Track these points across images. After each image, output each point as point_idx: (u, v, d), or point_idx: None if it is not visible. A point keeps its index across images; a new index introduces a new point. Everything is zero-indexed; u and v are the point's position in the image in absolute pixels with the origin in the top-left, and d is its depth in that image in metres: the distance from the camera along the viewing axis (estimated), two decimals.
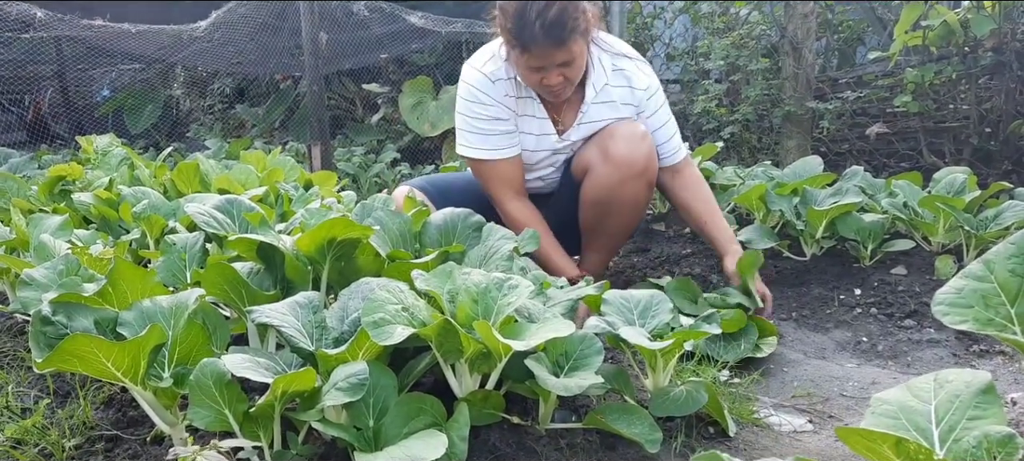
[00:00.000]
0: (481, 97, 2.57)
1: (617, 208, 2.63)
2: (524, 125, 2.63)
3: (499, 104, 2.56)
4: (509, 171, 2.64)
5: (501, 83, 2.56)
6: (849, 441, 0.94)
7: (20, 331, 2.22)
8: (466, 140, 2.64)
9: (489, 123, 2.58)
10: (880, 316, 2.66)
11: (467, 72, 2.61)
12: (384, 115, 7.34)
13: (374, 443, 1.36)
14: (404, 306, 1.49)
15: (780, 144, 5.17)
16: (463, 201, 2.38)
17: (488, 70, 2.56)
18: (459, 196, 2.70)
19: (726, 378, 2.00)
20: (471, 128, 2.61)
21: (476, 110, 2.58)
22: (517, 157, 2.65)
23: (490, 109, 2.57)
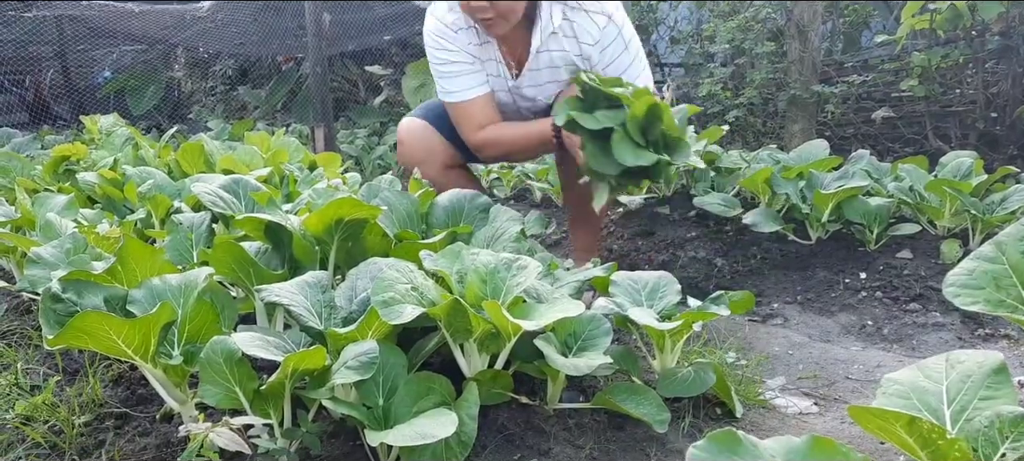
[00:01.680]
0: (442, 44, 2.64)
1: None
2: (488, 69, 2.69)
3: (460, 50, 2.63)
4: (476, 110, 2.68)
5: (462, 32, 2.61)
6: (861, 420, 0.94)
7: (27, 310, 2.22)
8: (438, 86, 2.73)
9: (449, 66, 2.65)
10: (885, 300, 2.66)
11: (427, 21, 2.70)
12: (387, 97, 7.33)
13: (384, 421, 1.36)
14: (413, 286, 1.49)
15: (785, 128, 5.15)
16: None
17: (448, 20, 2.63)
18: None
19: (733, 360, 2.00)
20: (438, 74, 2.70)
21: (438, 56, 2.66)
22: (485, 96, 2.69)
23: (451, 54, 2.64)
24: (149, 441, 1.50)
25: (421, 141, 2.81)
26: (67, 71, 8.58)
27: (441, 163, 2.80)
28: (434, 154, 2.80)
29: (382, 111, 7.25)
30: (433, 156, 2.80)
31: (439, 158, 2.80)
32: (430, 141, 2.80)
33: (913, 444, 0.89)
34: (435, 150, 2.80)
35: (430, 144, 2.80)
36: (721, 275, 3.06)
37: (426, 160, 2.77)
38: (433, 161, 2.79)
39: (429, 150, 2.80)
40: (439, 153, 2.80)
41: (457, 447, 1.36)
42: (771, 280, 2.94)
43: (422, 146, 2.80)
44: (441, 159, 2.81)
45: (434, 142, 2.80)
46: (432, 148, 2.80)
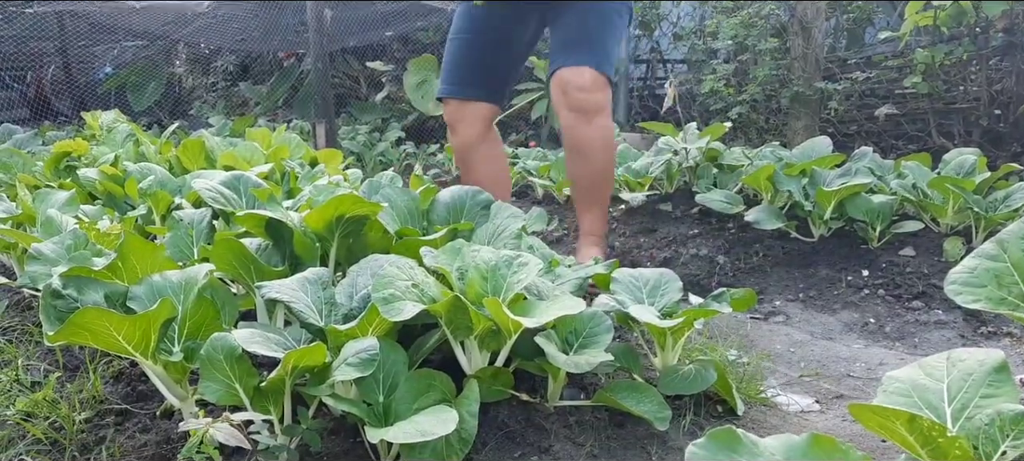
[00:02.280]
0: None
1: (587, 152, 2.81)
2: None
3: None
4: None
5: None
6: (862, 418, 0.94)
7: (28, 306, 2.22)
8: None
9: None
10: (888, 297, 2.65)
11: None
12: (388, 93, 7.32)
13: (384, 418, 1.36)
14: (414, 283, 1.49)
15: (788, 125, 5.15)
16: (482, 59, 2.91)
17: None
18: (477, 58, 2.94)
19: (734, 357, 1.99)
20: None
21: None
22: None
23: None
24: (149, 437, 1.49)
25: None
26: (68, 67, 8.58)
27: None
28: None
29: (383, 107, 7.25)
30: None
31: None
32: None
33: (913, 442, 0.89)
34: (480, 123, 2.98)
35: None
36: (723, 272, 3.06)
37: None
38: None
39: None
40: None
41: (457, 444, 1.35)
42: (773, 278, 2.94)
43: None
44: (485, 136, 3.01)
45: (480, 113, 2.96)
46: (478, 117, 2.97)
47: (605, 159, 2.86)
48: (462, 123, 2.97)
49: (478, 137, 2.97)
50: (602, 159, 2.84)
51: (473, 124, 2.96)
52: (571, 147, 2.83)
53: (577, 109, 2.72)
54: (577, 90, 2.70)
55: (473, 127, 2.96)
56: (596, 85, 2.71)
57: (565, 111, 2.74)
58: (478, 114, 2.96)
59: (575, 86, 2.70)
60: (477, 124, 2.96)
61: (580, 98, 2.70)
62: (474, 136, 2.96)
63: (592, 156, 2.80)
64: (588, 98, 2.71)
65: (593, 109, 2.72)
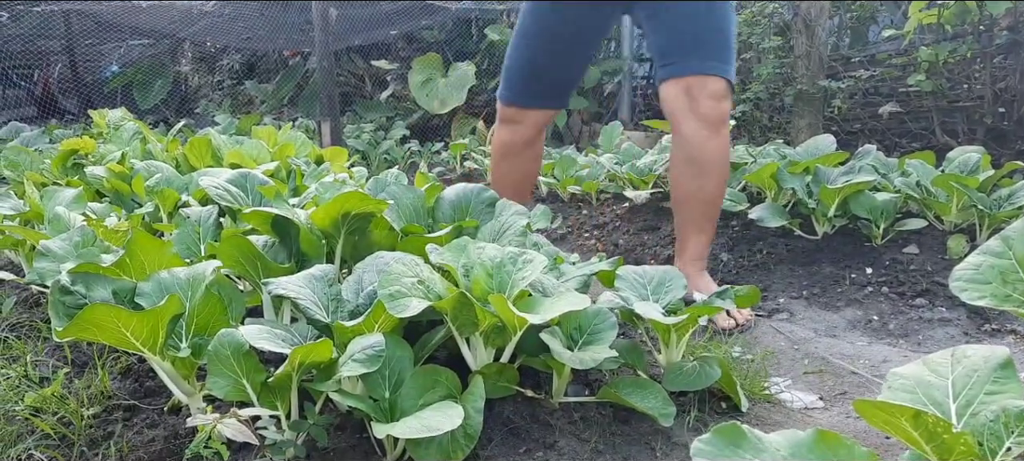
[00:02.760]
0: None
1: (710, 168, 2.52)
2: None
3: None
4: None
5: None
6: (866, 414, 0.94)
7: (36, 302, 2.23)
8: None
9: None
10: (891, 295, 2.65)
11: None
12: (393, 92, 7.33)
13: (390, 414, 1.37)
14: (420, 279, 1.49)
15: (792, 123, 5.14)
16: (552, 63, 2.72)
17: None
18: (546, 62, 2.73)
19: (738, 354, 2.00)
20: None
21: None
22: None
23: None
24: (157, 433, 1.51)
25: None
26: (75, 65, 8.60)
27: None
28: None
29: (388, 106, 7.26)
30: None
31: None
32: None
33: (918, 438, 0.89)
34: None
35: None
36: (727, 270, 3.06)
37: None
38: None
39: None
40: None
41: (463, 440, 1.36)
42: (777, 275, 2.94)
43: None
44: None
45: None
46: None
47: (726, 175, 2.59)
48: (520, 126, 2.81)
49: (531, 140, 2.84)
50: (723, 175, 2.57)
51: (530, 128, 2.81)
52: (692, 160, 2.50)
53: (707, 119, 2.44)
54: (710, 98, 2.42)
55: (529, 131, 2.82)
56: (727, 94, 2.47)
57: (691, 121, 2.44)
58: (538, 120, 2.82)
59: (709, 93, 2.42)
60: (533, 129, 2.82)
61: (712, 108, 2.43)
62: (527, 139, 2.83)
63: (715, 171, 2.52)
64: (718, 108, 2.44)
65: (722, 120, 2.47)
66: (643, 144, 4.94)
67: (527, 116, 2.79)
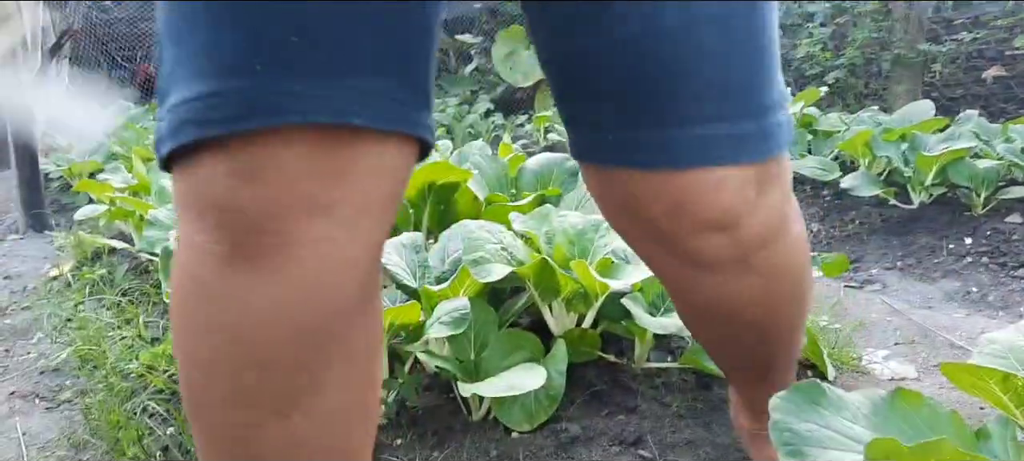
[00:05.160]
0: None
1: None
2: None
3: None
4: None
5: None
6: (954, 377, 0.93)
7: (145, 270, 2.38)
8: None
9: None
10: (992, 266, 2.55)
11: None
12: (477, 65, 7.39)
13: (475, 374, 1.41)
14: (503, 246, 1.53)
15: (889, 90, 4.96)
16: None
17: None
18: None
19: (825, 323, 1.97)
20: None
21: None
22: None
23: None
24: None
25: None
26: None
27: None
28: None
29: (472, 79, 7.32)
30: None
31: None
32: None
33: (1008, 402, 0.88)
34: None
35: None
36: (817, 240, 3.00)
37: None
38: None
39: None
40: None
41: (545, 401, 1.40)
42: (870, 245, 2.86)
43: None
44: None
45: None
46: None
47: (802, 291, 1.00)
48: None
49: None
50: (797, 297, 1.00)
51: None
52: (706, 310, 0.95)
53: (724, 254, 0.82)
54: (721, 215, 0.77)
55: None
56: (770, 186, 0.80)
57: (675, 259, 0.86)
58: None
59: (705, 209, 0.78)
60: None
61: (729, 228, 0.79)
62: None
63: (777, 308, 0.96)
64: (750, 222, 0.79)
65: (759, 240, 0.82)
66: None
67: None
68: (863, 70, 5.15)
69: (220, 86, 0.57)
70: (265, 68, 0.56)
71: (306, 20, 0.56)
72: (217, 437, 0.67)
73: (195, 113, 0.58)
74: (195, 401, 0.67)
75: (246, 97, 0.57)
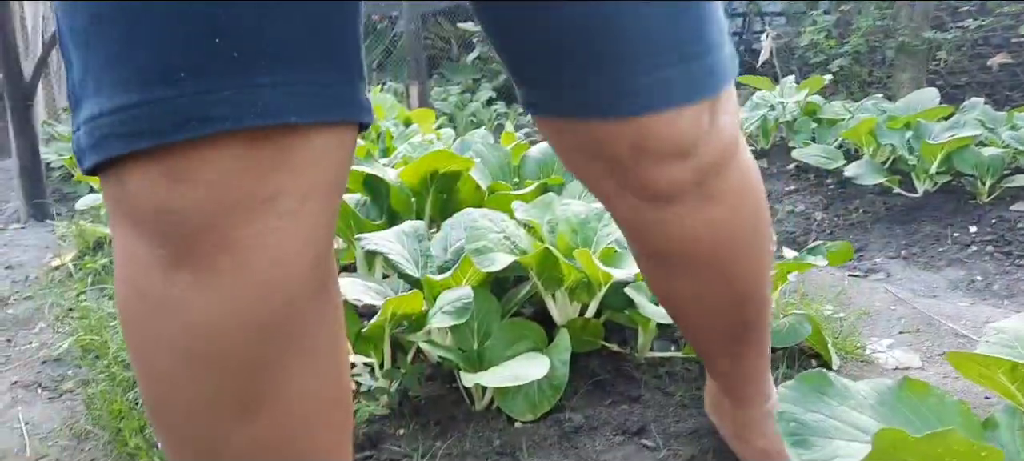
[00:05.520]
0: None
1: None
2: None
3: None
4: None
5: None
6: (961, 367, 0.92)
7: None
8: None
9: None
10: (997, 254, 2.54)
11: None
12: (480, 54, 7.36)
13: (478, 364, 1.41)
14: (506, 235, 1.52)
15: (893, 78, 4.93)
16: None
17: None
18: None
19: (830, 312, 1.96)
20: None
21: None
22: None
23: None
24: None
25: None
26: None
27: None
28: None
29: (475, 68, 7.30)
30: None
31: None
32: None
33: (1015, 392, 0.87)
34: None
35: None
36: (821, 229, 2.98)
37: None
38: None
39: None
40: None
41: (549, 390, 1.39)
42: (874, 234, 2.85)
43: None
44: None
45: None
46: None
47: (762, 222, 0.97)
48: None
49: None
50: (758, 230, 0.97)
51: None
52: (668, 254, 0.93)
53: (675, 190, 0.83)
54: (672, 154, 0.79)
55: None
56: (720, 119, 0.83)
57: (631, 198, 0.84)
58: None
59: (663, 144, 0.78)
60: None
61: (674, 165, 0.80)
62: None
63: (732, 252, 0.93)
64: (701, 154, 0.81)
65: (713, 166, 0.83)
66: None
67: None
68: (867, 58, 5.12)
69: (143, 96, 0.54)
70: (189, 74, 0.54)
71: (224, 20, 0.53)
72: (184, 448, 0.65)
73: (119, 126, 0.55)
74: (158, 414, 0.65)
75: (173, 107, 0.54)
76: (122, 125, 0.55)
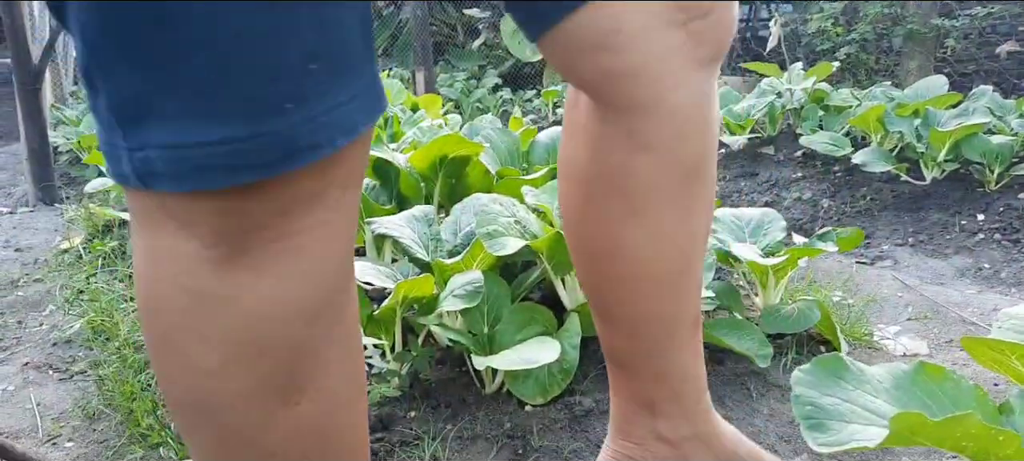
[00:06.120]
0: None
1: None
2: None
3: None
4: None
5: None
6: (974, 352, 0.92)
7: None
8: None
9: None
10: (1005, 242, 2.54)
11: None
12: (485, 40, 7.34)
13: (489, 347, 1.41)
14: (516, 219, 1.52)
15: (901, 65, 4.91)
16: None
17: None
18: None
19: (838, 299, 1.96)
20: None
21: None
22: None
23: None
24: None
25: None
26: None
27: None
28: None
29: (480, 54, 7.28)
30: None
31: None
32: None
33: None
34: None
35: None
36: (828, 216, 2.98)
37: None
38: None
39: None
40: None
41: (559, 375, 1.40)
42: (881, 222, 2.85)
43: None
44: None
45: None
46: None
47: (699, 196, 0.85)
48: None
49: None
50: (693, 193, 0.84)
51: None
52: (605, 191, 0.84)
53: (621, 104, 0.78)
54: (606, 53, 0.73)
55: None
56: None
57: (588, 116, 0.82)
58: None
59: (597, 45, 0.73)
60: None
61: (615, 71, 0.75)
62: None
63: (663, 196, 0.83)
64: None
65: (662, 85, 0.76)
66: (741, 88, 4.81)
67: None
68: (875, 46, 5.10)
69: (253, 130, 0.54)
70: (295, 104, 0.54)
71: (314, 44, 0.54)
72: (227, 441, 0.65)
73: (222, 158, 0.54)
74: (201, 410, 0.65)
75: (283, 139, 0.55)
76: (226, 158, 0.54)
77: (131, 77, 0.53)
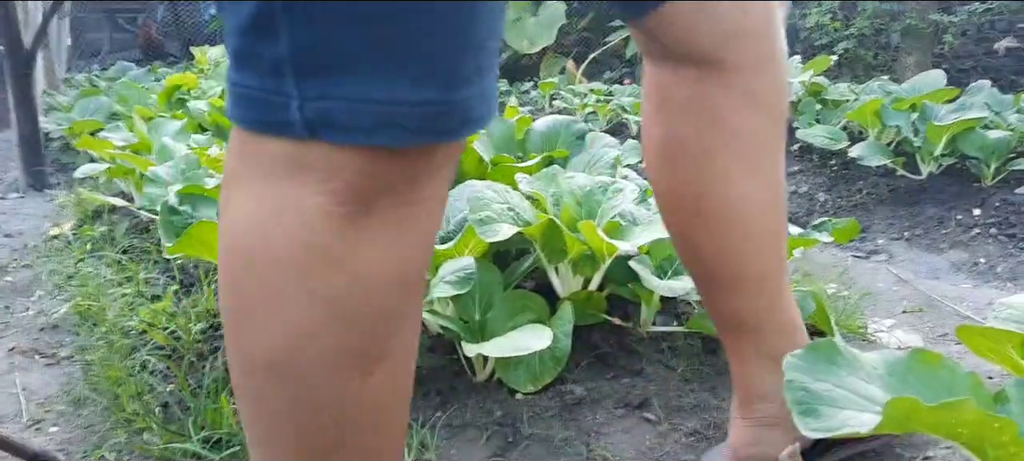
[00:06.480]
0: None
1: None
2: None
3: None
4: None
5: None
6: (970, 341, 0.91)
7: (145, 229, 2.36)
8: None
9: None
10: (1001, 237, 2.53)
11: None
12: None
13: (480, 335, 1.40)
14: (509, 206, 1.51)
15: (898, 61, 4.90)
16: None
17: None
18: None
19: (833, 291, 1.95)
20: None
21: None
22: None
23: None
24: None
25: None
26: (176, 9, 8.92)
27: None
28: None
29: None
30: None
31: None
32: None
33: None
34: None
35: None
36: (824, 210, 2.97)
37: None
38: None
39: None
40: None
41: (551, 363, 1.38)
42: (877, 216, 2.84)
43: None
44: None
45: None
46: None
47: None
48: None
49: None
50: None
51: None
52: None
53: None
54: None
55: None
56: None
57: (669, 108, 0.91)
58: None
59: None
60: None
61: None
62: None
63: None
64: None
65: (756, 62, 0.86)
66: None
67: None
68: (872, 41, 5.09)
69: (448, 95, 0.57)
70: (478, 76, 0.58)
71: (491, 23, 0.59)
72: (299, 410, 0.65)
73: (411, 119, 0.57)
74: (282, 374, 0.63)
75: (468, 106, 0.59)
76: (419, 119, 0.57)
77: (334, 30, 0.54)
